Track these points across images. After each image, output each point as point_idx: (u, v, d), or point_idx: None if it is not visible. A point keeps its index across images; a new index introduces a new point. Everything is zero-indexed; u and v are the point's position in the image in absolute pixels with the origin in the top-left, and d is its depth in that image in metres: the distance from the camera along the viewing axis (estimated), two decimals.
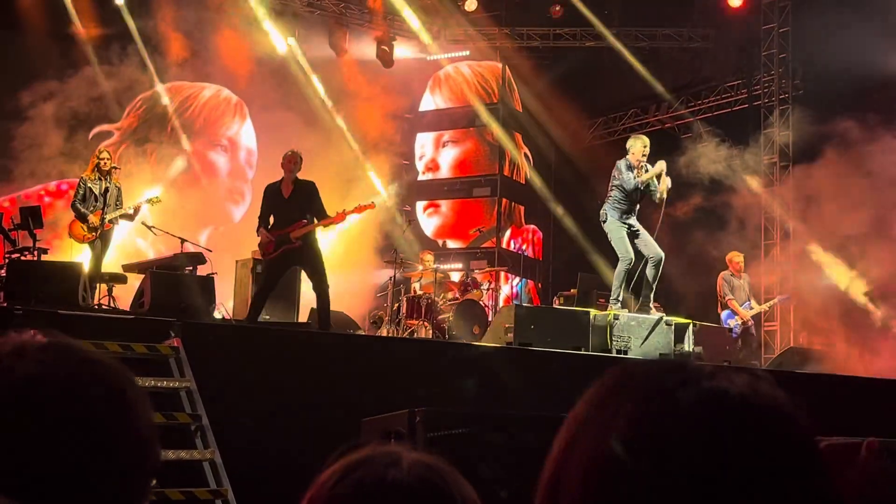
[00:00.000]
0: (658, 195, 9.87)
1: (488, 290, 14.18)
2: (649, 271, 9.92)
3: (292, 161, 9.53)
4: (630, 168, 9.80)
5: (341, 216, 9.54)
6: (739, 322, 12.05)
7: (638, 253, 9.92)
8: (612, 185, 9.91)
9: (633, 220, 9.89)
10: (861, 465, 1.21)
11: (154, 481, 0.95)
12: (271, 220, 9.47)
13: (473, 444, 5.27)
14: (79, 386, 0.89)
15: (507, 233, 17.96)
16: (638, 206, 9.96)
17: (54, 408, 0.87)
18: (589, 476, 0.80)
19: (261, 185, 16.21)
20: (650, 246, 9.91)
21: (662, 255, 9.97)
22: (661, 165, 9.90)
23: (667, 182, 9.89)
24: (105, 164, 10.56)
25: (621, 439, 0.80)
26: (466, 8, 17.09)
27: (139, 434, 0.92)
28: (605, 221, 9.93)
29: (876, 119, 13.50)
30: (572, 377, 8.23)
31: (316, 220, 9.37)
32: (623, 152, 10.07)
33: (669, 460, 0.78)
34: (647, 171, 9.85)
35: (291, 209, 9.38)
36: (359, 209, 10.01)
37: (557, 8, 16.87)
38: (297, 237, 9.23)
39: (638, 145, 9.91)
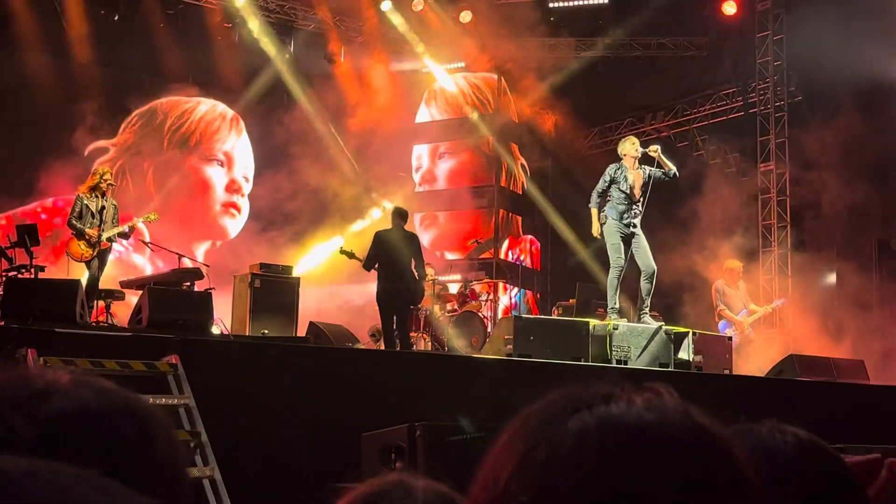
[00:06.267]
0: (671, 172, 9.96)
1: (487, 301, 14.15)
2: (643, 284, 9.92)
3: None
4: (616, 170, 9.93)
5: None
6: (737, 332, 12.02)
7: (633, 260, 9.94)
8: (609, 189, 9.97)
9: (634, 222, 9.86)
10: (881, 486, 1.17)
11: None
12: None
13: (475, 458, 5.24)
14: (111, 426, 0.87)
15: (505, 243, 17.95)
16: (639, 208, 9.90)
17: (83, 448, 0.85)
18: None
19: (257, 199, 16.34)
20: (644, 258, 9.89)
21: (655, 267, 9.95)
22: (654, 147, 10.09)
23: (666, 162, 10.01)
24: (105, 183, 10.57)
25: (511, 472, 0.78)
26: (461, 20, 17.11)
27: (171, 474, 0.90)
28: (603, 224, 9.95)
29: (871, 124, 13.54)
30: None
31: None
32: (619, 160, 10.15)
33: (554, 493, 0.75)
34: (640, 168, 9.94)
35: None
36: None
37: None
38: None
39: (627, 145, 10.09)
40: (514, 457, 0.78)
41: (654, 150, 10.02)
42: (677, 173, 10.11)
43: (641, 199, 9.89)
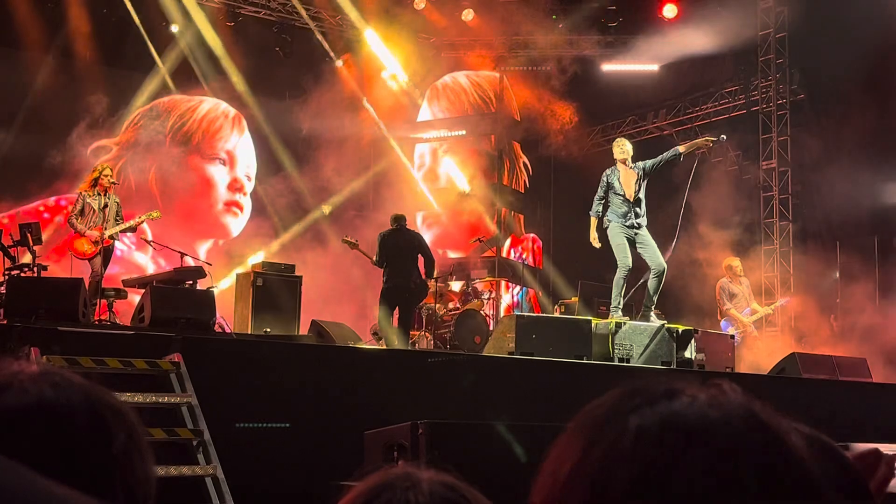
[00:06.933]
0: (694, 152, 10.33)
1: (489, 299, 14.15)
2: (651, 282, 9.92)
3: None
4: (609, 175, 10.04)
5: None
6: (740, 330, 12.02)
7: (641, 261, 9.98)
8: (608, 194, 10.02)
9: (636, 222, 9.89)
10: (880, 481, 1.17)
11: None
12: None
13: (478, 456, 5.25)
14: (66, 419, 0.87)
15: (508, 242, 17.93)
16: (640, 208, 9.95)
17: (38, 442, 0.85)
18: None
19: (259, 197, 16.34)
20: (653, 256, 9.91)
21: (664, 265, 9.96)
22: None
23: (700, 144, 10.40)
24: (106, 180, 10.60)
25: (570, 469, 0.78)
26: (463, 18, 17.10)
27: (129, 470, 0.90)
28: (607, 228, 9.99)
29: (873, 121, 13.52)
30: (575, 387, 8.21)
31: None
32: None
33: (611, 490, 0.75)
34: (632, 166, 10.01)
35: None
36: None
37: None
38: None
39: (615, 149, 10.24)
40: (573, 453, 0.78)
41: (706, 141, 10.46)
42: (678, 150, 10.28)
43: (641, 198, 9.94)
